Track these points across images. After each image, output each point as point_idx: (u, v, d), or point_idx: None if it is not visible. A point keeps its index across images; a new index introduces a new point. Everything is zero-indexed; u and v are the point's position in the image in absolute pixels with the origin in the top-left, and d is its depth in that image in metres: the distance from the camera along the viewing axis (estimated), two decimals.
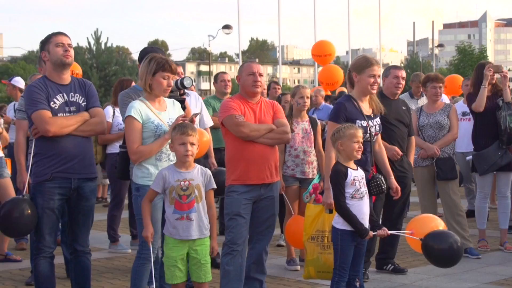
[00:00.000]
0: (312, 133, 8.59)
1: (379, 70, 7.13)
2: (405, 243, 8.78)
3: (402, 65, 72.46)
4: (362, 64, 7.13)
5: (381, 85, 8.44)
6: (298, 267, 8.41)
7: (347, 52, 50.89)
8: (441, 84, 9.12)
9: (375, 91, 7.14)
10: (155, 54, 6.41)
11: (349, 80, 7.33)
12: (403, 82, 8.16)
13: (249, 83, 6.73)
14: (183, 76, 6.94)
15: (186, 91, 7.82)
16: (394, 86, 8.12)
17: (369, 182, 6.97)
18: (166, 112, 6.29)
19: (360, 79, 7.11)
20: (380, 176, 6.98)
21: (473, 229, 9.80)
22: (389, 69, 8.30)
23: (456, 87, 15.13)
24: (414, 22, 71.80)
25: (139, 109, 6.12)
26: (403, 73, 8.20)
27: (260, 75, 6.78)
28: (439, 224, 6.40)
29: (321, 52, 16.22)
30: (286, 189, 8.43)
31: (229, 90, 10.54)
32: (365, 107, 7.14)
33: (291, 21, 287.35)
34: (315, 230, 6.91)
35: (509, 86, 9.32)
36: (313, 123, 8.69)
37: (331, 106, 11.62)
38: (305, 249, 7.04)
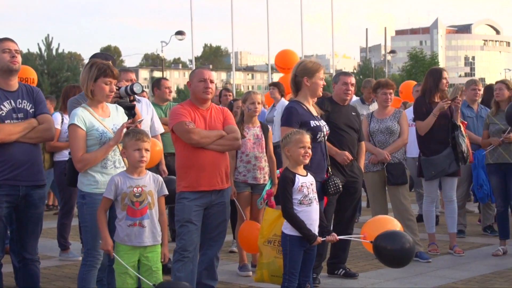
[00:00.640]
0: (263, 138, 8.60)
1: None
2: (356, 248, 8.87)
3: (355, 71, 72.98)
4: (312, 68, 7.29)
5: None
6: (250, 273, 8.41)
7: (300, 59, 51.13)
8: (391, 90, 9.21)
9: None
10: (96, 59, 6.38)
11: (295, 85, 7.40)
12: (352, 89, 8.24)
13: (200, 90, 6.72)
14: (133, 82, 6.91)
15: (137, 97, 7.80)
16: (343, 92, 8.19)
17: (327, 182, 7.04)
18: (110, 118, 6.24)
19: (312, 83, 7.27)
20: (335, 176, 7.17)
21: (423, 233, 9.91)
22: (338, 76, 8.37)
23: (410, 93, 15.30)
24: (366, 29, 72.38)
25: (83, 116, 6.06)
26: (352, 80, 8.28)
27: (211, 81, 6.79)
28: (395, 226, 6.39)
29: (285, 65, 16.19)
30: (238, 195, 8.43)
31: (170, 97, 10.38)
32: (312, 110, 7.28)
33: (245, 27, 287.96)
34: (272, 234, 6.90)
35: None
36: (264, 128, 8.71)
37: None
38: (260, 252, 7.03)
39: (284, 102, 11.63)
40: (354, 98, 11.89)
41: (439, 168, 9.20)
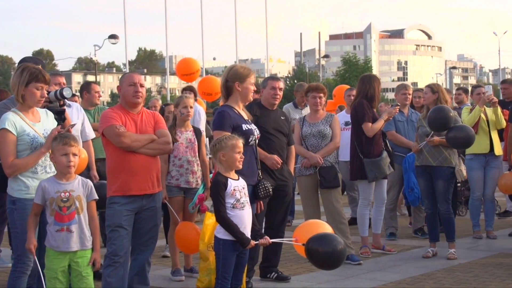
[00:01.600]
0: (196, 142, 8.59)
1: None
2: (289, 251, 8.91)
3: (290, 75, 73.47)
4: (243, 73, 7.35)
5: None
6: (183, 278, 8.38)
7: (235, 63, 51.19)
8: (321, 94, 9.28)
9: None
10: (28, 64, 6.29)
11: (226, 90, 7.42)
12: (281, 93, 8.29)
13: (130, 94, 6.69)
14: (63, 87, 6.83)
15: (68, 102, 7.72)
16: (271, 96, 8.24)
17: (257, 185, 7.06)
18: (41, 123, 6.18)
19: (243, 88, 7.32)
20: (265, 180, 7.23)
21: (356, 236, 10.03)
22: (266, 80, 8.43)
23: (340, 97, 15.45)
24: (301, 33, 72.71)
25: (13, 121, 5.99)
26: (280, 84, 8.33)
27: (141, 85, 6.75)
28: (326, 230, 6.42)
29: (186, 71, 16.10)
30: (170, 199, 8.41)
31: (99, 101, 10.23)
32: (243, 114, 7.33)
33: (179, 31, 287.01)
34: None
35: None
36: (197, 132, 8.70)
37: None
38: (205, 257, 7.02)
39: (197, 106, 11.58)
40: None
41: (382, 170, 9.36)
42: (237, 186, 6.12)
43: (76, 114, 8.30)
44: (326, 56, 71.29)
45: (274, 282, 8.19)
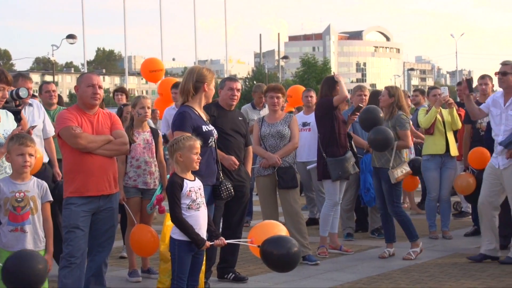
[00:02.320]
0: (153, 143, 8.57)
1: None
2: (246, 252, 8.91)
3: (249, 76, 73.55)
4: (209, 75, 7.37)
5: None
6: (140, 279, 8.36)
7: (194, 63, 51.06)
8: (279, 94, 9.31)
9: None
10: None
11: (194, 90, 7.39)
12: (238, 94, 8.31)
13: (88, 95, 6.67)
14: (18, 87, 6.77)
15: (29, 100, 7.67)
16: (229, 97, 8.25)
17: (219, 186, 7.06)
18: (1, 124, 6.14)
19: (209, 89, 7.37)
20: (227, 181, 7.27)
21: (313, 236, 10.08)
22: (224, 81, 8.44)
23: (299, 98, 15.46)
24: (260, 34, 73.11)
25: None
26: (238, 85, 8.35)
27: (100, 87, 6.75)
28: (281, 231, 6.47)
29: (151, 68, 15.97)
30: (128, 200, 8.38)
31: (55, 101, 10.10)
32: (202, 115, 7.33)
33: (138, 31, 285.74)
34: None
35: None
36: (154, 133, 8.68)
37: None
38: (166, 259, 6.98)
39: None
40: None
41: (345, 169, 9.42)
42: (193, 187, 6.13)
43: (37, 112, 8.28)
44: (285, 57, 71.53)
45: (232, 282, 8.21)
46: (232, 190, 7.33)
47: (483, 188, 9.07)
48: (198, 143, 6.24)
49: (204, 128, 7.15)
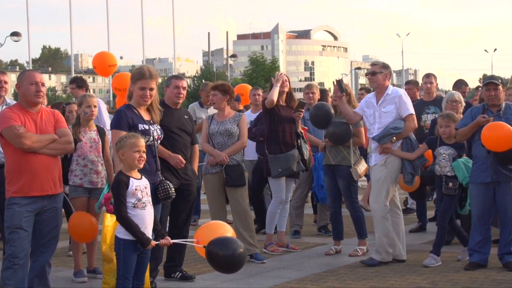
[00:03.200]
0: (100, 142, 8.51)
1: (154, 84, 7.20)
2: (193, 251, 8.87)
3: (198, 75, 73.37)
4: (135, 76, 7.24)
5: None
6: (86, 279, 8.28)
7: (142, 62, 50.78)
8: (215, 92, 9.28)
9: (147, 103, 7.19)
10: None
11: (130, 92, 7.36)
12: (184, 92, 8.29)
13: (31, 93, 6.59)
14: None
15: None
16: (175, 95, 8.23)
17: (158, 187, 7.03)
18: None
19: (134, 90, 7.21)
20: (168, 182, 7.16)
21: (261, 234, 10.11)
22: (170, 79, 8.41)
23: (247, 97, 15.47)
24: (209, 33, 72.77)
25: None
26: (183, 83, 8.32)
27: (43, 84, 6.68)
28: (227, 231, 6.48)
29: (110, 63, 15.76)
30: (74, 200, 8.32)
31: (3, 94, 9.87)
32: (144, 114, 7.22)
33: (85, 29, 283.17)
34: None
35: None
36: (101, 132, 8.62)
37: None
38: (109, 259, 6.94)
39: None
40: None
41: (286, 166, 9.45)
42: (139, 186, 6.10)
43: None
44: (233, 55, 71.45)
45: (179, 281, 8.19)
46: (171, 191, 7.19)
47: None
48: (141, 141, 6.20)
49: (141, 127, 7.02)
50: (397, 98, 8.91)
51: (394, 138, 8.84)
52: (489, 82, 8.69)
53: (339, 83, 9.33)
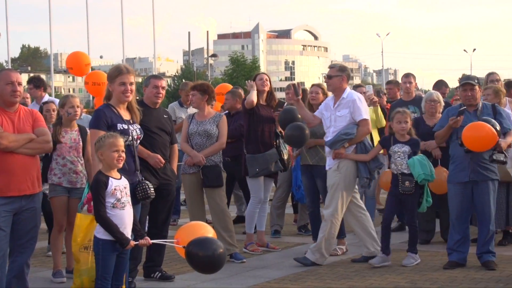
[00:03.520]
0: (80, 142, 8.47)
1: (132, 78, 7.23)
2: (173, 251, 8.86)
3: (178, 74, 73.24)
4: (113, 74, 7.22)
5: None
6: (65, 279, 8.23)
7: (122, 61, 50.62)
8: (194, 92, 9.27)
9: (129, 99, 7.19)
10: None
11: (108, 92, 7.34)
12: (163, 92, 8.27)
13: (7, 93, 6.55)
14: None
15: None
16: (154, 95, 8.21)
17: (136, 187, 7.01)
18: None
19: (114, 88, 7.19)
20: (147, 182, 7.13)
21: (241, 234, 10.10)
22: (149, 79, 8.39)
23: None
24: (189, 32, 72.63)
25: None
26: (162, 83, 8.30)
27: (19, 84, 6.64)
28: (208, 232, 6.46)
29: (76, 63, 15.59)
30: (54, 199, 8.30)
31: None
32: (124, 113, 7.20)
33: (65, 28, 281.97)
34: (87, 239, 6.82)
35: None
36: (82, 132, 8.58)
37: None
38: (77, 259, 6.92)
39: None
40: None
41: (263, 165, 9.46)
42: (118, 186, 6.08)
43: None
44: (214, 55, 71.41)
45: (158, 281, 8.17)
46: (150, 192, 7.17)
47: None
48: (120, 141, 6.19)
49: (120, 126, 7.00)
50: (351, 102, 8.87)
51: (347, 144, 8.81)
52: (466, 82, 8.74)
53: (294, 87, 9.27)
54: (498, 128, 8.30)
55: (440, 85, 12.39)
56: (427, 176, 8.63)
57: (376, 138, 11.10)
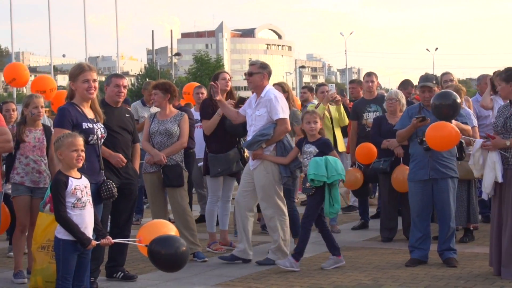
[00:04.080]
0: (45, 142, 8.42)
1: (95, 75, 7.24)
2: (136, 250, 8.82)
3: (141, 73, 72.91)
4: (75, 72, 7.21)
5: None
6: (26, 280, 8.16)
7: (85, 60, 50.25)
8: (156, 91, 9.25)
9: (93, 96, 7.20)
10: None
11: (71, 91, 7.30)
12: (125, 91, 8.24)
13: None
14: None
15: None
16: (115, 94, 8.18)
17: (101, 186, 6.98)
18: None
19: (77, 87, 7.17)
20: (110, 181, 7.16)
21: (203, 233, 10.08)
22: (110, 78, 8.36)
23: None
24: (153, 31, 72.52)
25: None
26: (124, 82, 8.28)
27: None
28: (170, 230, 6.45)
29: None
30: (16, 198, 8.24)
31: None
32: (88, 112, 7.18)
33: (27, 26, 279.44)
34: (46, 239, 6.75)
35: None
36: (47, 131, 8.54)
37: None
38: (34, 258, 6.87)
39: None
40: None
41: (225, 165, 9.44)
42: (79, 185, 6.05)
43: None
44: (177, 54, 71.28)
45: (121, 281, 8.13)
46: (114, 191, 7.20)
47: (239, 187, 9.24)
48: (79, 140, 6.16)
49: (85, 125, 7.01)
50: (268, 101, 8.81)
51: (264, 144, 8.76)
52: (423, 85, 8.86)
53: (211, 88, 9.14)
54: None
55: (406, 84, 12.48)
56: (318, 177, 8.31)
57: (339, 136, 11.17)
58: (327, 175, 8.33)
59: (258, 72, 8.90)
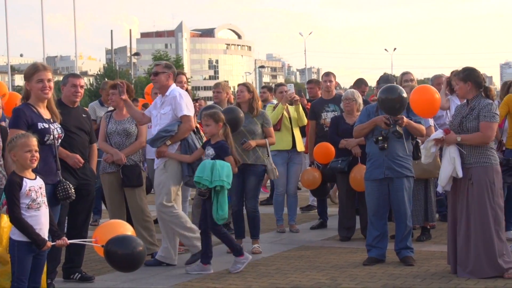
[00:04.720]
0: (1, 143, 8.28)
1: (50, 74, 7.21)
2: (93, 251, 8.75)
3: (101, 73, 72.47)
4: (29, 72, 7.17)
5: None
6: None
7: (43, 59, 49.80)
8: (114, 91, 9.20)
9: (48, 95, 7.17)
10: None
11: (26, 92, 7.24)
12: (82, 91, 8.18)
13: None
14: None
15: None
16: (72, 94, 8.10)
17: (57, 186, 6.93)
18: None
19: (31, 87, 7.13)
20: (67, 182, 7.11)
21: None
22: (67, 77, 8.28)
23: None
24: (111, 30, 71.94)
25: None
26: (81, 82, 8.20)
27: None
28: (127, 230, 6.42)
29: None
30: None
31: None
32: (44, 112, 7.14)
33: None
34: None
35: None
36: (3, 132, 8.41)
37: None
38: (6, 261, 6.78)
39: None
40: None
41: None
42: (33, 186, 5.99)
43: None
44: (137, 54, 70.99)
45: (78, 282, 8.06)
46: (72, 191, 7.14)
47: None
48: (33, 140, 6.08)
49: (40, 125, 6.96)
50: (172, 99, 8.76)
51: (169, 141, 8.72)
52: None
53: (118, 87, 9.03)
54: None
55: (359, 83, 12.57)
56: (202, 180, 8.23)
57: (298, 136, 11.20)
58: (211, 179, 8.26)
59: (163, 72, 8.84)
